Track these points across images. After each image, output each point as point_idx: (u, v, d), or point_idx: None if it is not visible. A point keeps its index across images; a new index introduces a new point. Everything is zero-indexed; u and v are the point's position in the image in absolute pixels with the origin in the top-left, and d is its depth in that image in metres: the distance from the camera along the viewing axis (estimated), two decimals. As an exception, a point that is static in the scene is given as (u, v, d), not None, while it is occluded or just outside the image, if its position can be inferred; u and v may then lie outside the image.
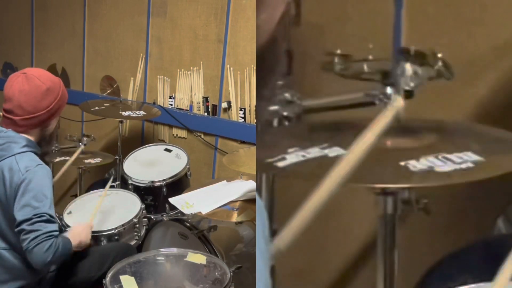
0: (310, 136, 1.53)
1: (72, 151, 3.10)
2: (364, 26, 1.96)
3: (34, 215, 1.73)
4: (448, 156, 1.30)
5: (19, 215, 1.74)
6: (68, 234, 1.91)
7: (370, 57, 1.55)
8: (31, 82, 1.87)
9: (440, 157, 1.29)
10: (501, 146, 1.43)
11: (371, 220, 1.43)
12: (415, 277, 1.66)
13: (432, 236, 1.93)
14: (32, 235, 1.72)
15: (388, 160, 1.32)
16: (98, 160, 2.86)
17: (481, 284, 1.08)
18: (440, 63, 1.49)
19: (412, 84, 1.48)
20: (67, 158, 2.89)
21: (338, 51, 1.57)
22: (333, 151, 1.34)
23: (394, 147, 1.40)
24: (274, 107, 1.78)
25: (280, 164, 1.30)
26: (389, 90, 1.50)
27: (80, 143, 2.73)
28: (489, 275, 1.06)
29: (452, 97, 1.88)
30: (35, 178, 1.77)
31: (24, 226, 1.73)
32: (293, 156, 1.33)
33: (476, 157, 1.30)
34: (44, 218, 1.75)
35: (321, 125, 1.62)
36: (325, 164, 1.28)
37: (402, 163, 1.26)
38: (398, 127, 1.49)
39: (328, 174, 1.13)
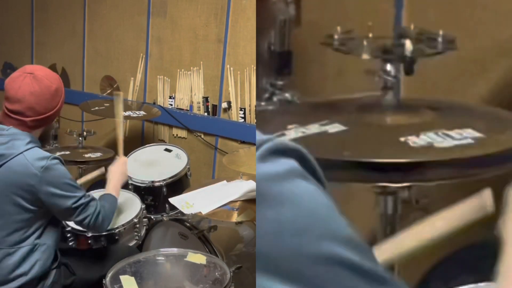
0: (309, 112, 1.53)
1: (72, 145, 3.10)
2: (364, 26, 1.96)
3: (73, 204, 1.83)
4: (448, 132, 1.30)
5: (59, 213, 1.87)
6: (108, 186, 2.12)
7: (370, 34, 1.55)
8: (41, 83, 1.86)
9: (440, 133, 1.30)
10: (501, 124, 1.43)
11: (371, 220, 1.43)
12: (415, 277, 1.66)
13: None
14: (85, 222, 1.88)
15: (388, 136, 1.32)
16: (98, 154, 2.86)
17: (481, 284, 1.08)
18: (440, 39, 1.49)
19: (412, 55, 1.46)
20: (67, 152, 2.88)
21: (338, 30, 1.57)
22: (333, 127, 1.34)
23: (393, 123, 1.40)
24: (274, 107, 1.78)
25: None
26: (389, 66, 1.49)
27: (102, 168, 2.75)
28: (489, 275, 1.06)
29: (453, 97, 1.88)
30: (53, 173, 1.79)
31: (72, 219, 1.90)
32: (292, 132, 1.33)
33: (476, 134, 1.30)
34: (82, 202, 1.85)
35: (321, 103, 1.61)
36: (324, 140, 1.28)
37: (402, 139, 1.26)
38: (398, 104, 1.48)
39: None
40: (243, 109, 2.93)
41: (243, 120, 2.94)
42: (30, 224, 1.83)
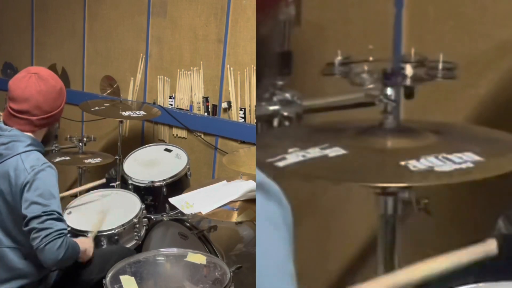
0: (310, 136, 1.54)
1: (72, 151, 3.11)
2: (364, 26, 1.96)
3: (43, 212, 1.73)
4: (448, 156, 1.30)
5: (28, 212, 1.73)
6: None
7: (371, 58, 1.55)
8: (47, 83, 1.89)
9: (440, 157, 1.30)
10: (500, 147, 1.43)
11: (371, 220, 1.43)
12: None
13: (432, 236, 1.93)
14: (43, 233, 1.71)
15: (389, 160, 1.32)
16: (98, 160, 2.86)
17: (481, 284, 1.08)
18: (441, 66, 1.50)
19: (412, 84, 1.48)
20: (67, 158, 2.89)
21: (339, 54, 1.57)
22: (333, 151, 1.34)
23: (394, 147, 1.41)
24: (274, 107, 1.78)
25: (280, 164, 1.30)
26: (389, 90, 1.50)
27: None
28: (489, 275, 1.06)
29: (453, 97, 1.88)
30: (41, 178, 1.78)
31: (34, 224, 1.72)
32: (293, 156, 1.33)
33: (476, 157, 1.30)
34: (54, 216, 1.75)
35: (321, 126, 1.62)
36: (325, 164, 1.28)
37: (402, 163, 1.26)
38: (398, 128, 1.49)
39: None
40: (243, 109, 2.93)
41: (243, 120, 2.94)
42: None
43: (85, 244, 1.97)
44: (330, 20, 2.06)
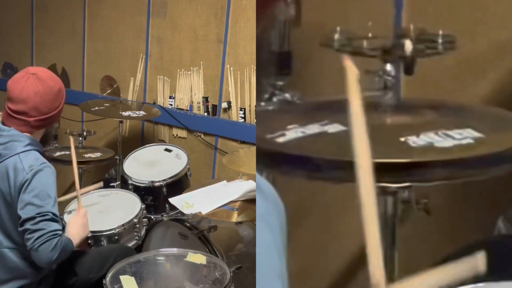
0: (309, 112, 1.53)
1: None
2: (364, 26, 1.96)
3: (37, 213, 1.73)
4: (448, 132, 1.30)
5: (23, 213, 1.74)
6: (67, 235, 1.90)
7: (370, 34, 1.54)
8: (45, 84, 1.88)
9: (440, 133, 1.30)
10: (501, 123, 1.43)
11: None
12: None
13: (432, 236, 1.93)
14: (36, 234, 1.71)
15: (388, 136, 1.32)
16: (98, 154, 2.86)
17: (481, 284, 1.08)
18: (440, 39, 1.49)
19: (412, 55, 1.46)
20: (66, 152, 2.88)
21: (338, 30, 1.56)
22: (333, 128, 1.34)
23: (393, 123, 1.40)
24: (274, 107, 1.78)
25: (280, 140, 1.29)
26: (389, 66, 1.49)
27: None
28: (489, 275, 1.06)
29: (453, 97, 1.88)
30: (39, 178, 1.78)
31: (28, 225, 1.73)
32: (292, 132, 1.32)
33: (476, 134, 1.30)
34: (48, 217, 1.74)
35: (321, 103, 1.61)
36: (324, 140, 1.28)
37: (402, 139, 1.26)
38: (398, 104, 1.48)
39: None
40: (243, 109, 2.93)
41: (243, 120, 2.94)
42: None
43: (79, 234, 1.94)
44: (330, 20, 2.06)
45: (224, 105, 3.01)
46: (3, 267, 1.84)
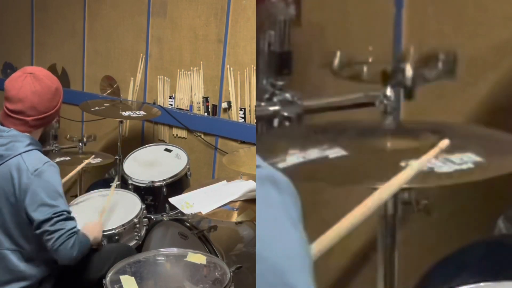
0: (310, 137, 1.53)
1: (72, 151, 3.11)
2: (365, 26, 1.96)
3: (53, 214, 1.76)
4: (448, 157, 1.30)
5: (38, 215, 1.75)
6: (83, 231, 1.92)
7: (370, 59, 1.55)
8: (42, 83, 1.88)
9: (440, 158, 1.29)
10: (501, 147, 1.43)
11: (371, 220, 1.43)
12: (415, 277, 1.66)
13: (432, 236, 1.93)
14: (56, 235, 1.75)
15: (389, 160, 1.32)
16: (98, 160, 2.86)
17: (481, 284, 1.08)
18: (441, 65, 1.49)
19: (413, 84, 1.48)
20: (67, 158, 2.89)
21: (338, 53, 1.57)
22: (333, 152, 1.34)
23: (394, 148, 1.40)
24: (274, 107, 1.78)
25: (281, 165, 1.29)
26: (389, 91, 1.50)
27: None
28: (489, 275, 1.06)
29: (453, 97, 1.88)
30: (45, 178, 1.78)
31: (46, 227, 1.75)
32: (293, 158, 1.33)
33: (476, 158, 1.30)
34: (63, 216, 1.78)
35: (321, 126, 1.61)
36: (325, 166, 1.28)
37: (403, 164, 1.26)
38: (398, 128, 1.49)
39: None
40: (243, 109, 2.93)
41: (243, 120, 2.94)
42: None
43: (93, 233, 1.99)
44: (330, 20, 2.07)
45: (224, 105, 3.01)
46: (3, 269, 1.84)
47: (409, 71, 1.48)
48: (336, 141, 1.38)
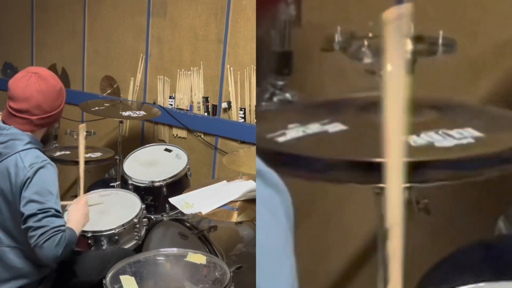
0: (310, 111, 1.53)
1: (72, 145, 3.10)
2: (365, 26, 1.95)
3: (39, 210, 1.72)
4: (449, 132, 1.30)
5: (25, 210, 1.73)
6: (69, 224, 1.89)
7: (370, 34, 1.54)
8: (48, 82, 1.89)
9: (440, 132, 1.30)
10: (501, 123, 1.43)
11: (371, 220, 1.43)
12: (415, 277, 1.66)
13: (432, 236, 1.93)
14: (40, 231, 1.70)
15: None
16: (98, 154, 2.86)
17: (481, 284, 1.08)
18: (440, 41, 1.49)
19: (412, 55, 1.46)
20: (67, 152, 2.88)
21: (338, 30, 1.56)
22: (333, 127, 1.34)
23: None
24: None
25: (280, 139, 1.29)
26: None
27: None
28: (489, 275, 1.06)
29: (452, 96, 1.87)
30: (39, 174, 1.78)
31: (31, 222, 1.72)
32: (293, 132, 1.32)
33: (476, 133, 1.30)
34: (50, 213, 1.74)
35: (322, 102, 1.61)
36: (325, 140, 1.28)
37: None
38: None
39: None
40: (243, 109, 2.94)
41: (243, 120, 2.94)
42: None
43: (80, 222, 1.93)
44: (330, 20, 2.06)
45: (224, 105, 3.01)
46: (3, 266, 1.84)
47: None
48: (336, 116, 1.38)
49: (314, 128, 1.34)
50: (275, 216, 0.91)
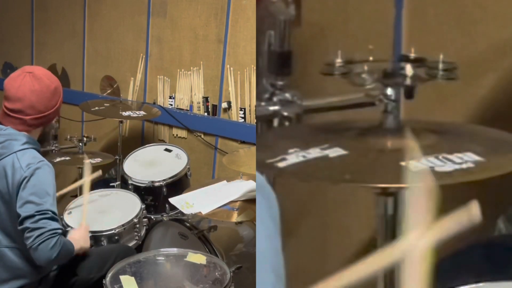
0: (310, 136, 1.53)
1: (72, 151, 3.11)
2: (365, 26, 1.96)
3: (37, 211, 1.72)
4: (449, 156, 1.30)
5: (22, 211, 1.73)
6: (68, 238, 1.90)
7: (371, 58, 1.55)
8: (42, 82, 1.88)
9: (440, 157, 1.29)
10: (501, 146, 1.43)
11: (371, 220, 1.43)
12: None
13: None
14: (36, 233, 1.70)
15: (389, 160, 1.32)
16: (98, 160, 2.86)
17: (481, 284, 1.08)
18: (441, 66, 1.49)
19: (412, 84, 1.47)
20: (67, 158, 2.89)
21: (339, 55, 1.57)
22: (334, 152, 1.34)
23: (394, 147, 1.40)
24: (274, 107, 1.78)
25: (281, 164, 1.29)
26: (389, 91, 1.50)
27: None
28: (489, 275, 1.06)
29: (453, 97, 1.88)
30: (36, 175, 1.77)
31: (27, 224, 1.72)
32: (293, 157, 1.32)
33: (476, 158, 1.30)
34: (47, 215, 1.74)
35: (322, 126, 1.61)
36: (325, 165, 1.28)
37: (403, 163, 1.26)
38: (398, 127, 1.49)
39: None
40: (243, 109, 2.94)
41: (243, 120, 2.94)
42: None
43: (79, 242, 1.95)
44: (330, 20, 2.07)
45: (224, 105, 3.01)
46: (2, 267, 1.84)
47: (409, 71, 1.48)
48: (336, 141, 1.38)
49: (314, 153, 1.34)
50: (264, 223, 0.92)
